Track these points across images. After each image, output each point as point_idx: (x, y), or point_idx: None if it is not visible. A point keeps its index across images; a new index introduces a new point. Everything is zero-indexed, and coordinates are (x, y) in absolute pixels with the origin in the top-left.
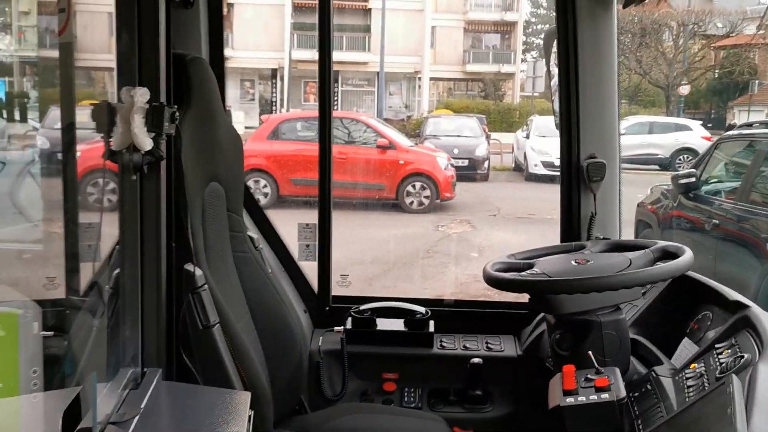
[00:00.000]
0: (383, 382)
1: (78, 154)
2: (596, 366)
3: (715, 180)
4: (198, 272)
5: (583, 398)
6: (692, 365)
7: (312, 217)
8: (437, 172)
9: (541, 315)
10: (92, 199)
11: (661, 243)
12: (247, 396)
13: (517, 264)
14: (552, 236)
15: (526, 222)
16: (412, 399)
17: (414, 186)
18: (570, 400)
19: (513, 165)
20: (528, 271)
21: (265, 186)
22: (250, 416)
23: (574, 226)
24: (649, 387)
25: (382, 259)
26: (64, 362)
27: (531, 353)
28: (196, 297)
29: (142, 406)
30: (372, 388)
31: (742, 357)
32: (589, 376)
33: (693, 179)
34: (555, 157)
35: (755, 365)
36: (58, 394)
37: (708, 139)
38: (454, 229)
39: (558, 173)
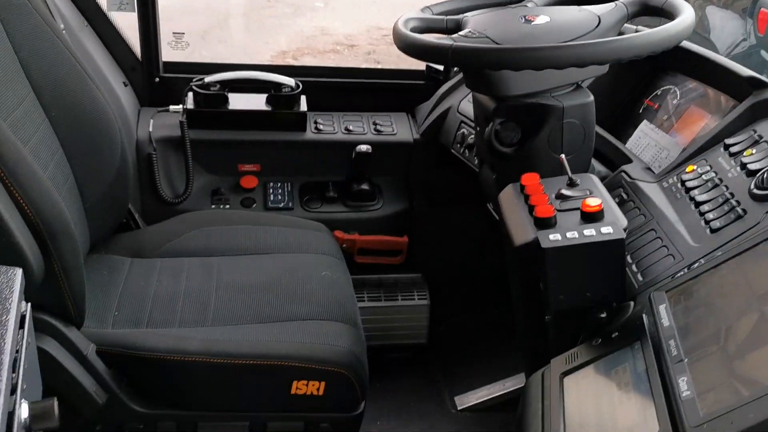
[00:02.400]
0: (240, 177)
1: None
2: (570, 175)
3: None
4: None
5: (574, 234)
6: (689, 167)
7: None
8: None
9: (445, 89)
10: None
11: None
12: (13, 274)
13: (440, 22)
14: None
15: None
16: (279, 197)
17: None
18: (555, 237)
19: None
20: (461, 33)
21: None
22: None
23: None
24: (624, 195)
25: (217, 9)
26: None
27: (430, 137)
28: None
29: None
30: (226, 185)
31: None
32: (563, 191)
33: None
34: None
35: None
36: None
37: None
38: None
39: None
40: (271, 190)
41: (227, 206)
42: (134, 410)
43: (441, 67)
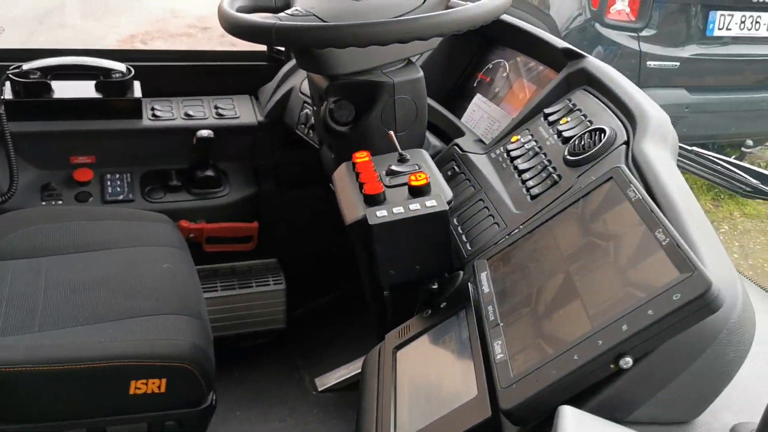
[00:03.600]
0: (73, 170)
1: None
2: (399, 150)
3: None
4: None
5: (401, 209)
6: (514, 137)
7: None
8: None
9: (288, 68)
10: None
11: None
12: None
13: (268, 0)
14: None
15: None
16: (118, 189)
17: None
18: (382, 214)
19: None
20: (288, 12)
21: None
22: None
23: None
24: (456, 168)
25: None
26: None
27: (275, 119)
28: None
29: None
30: (57, 179)
31: (604, 132)
32: (393, 167)
33: None
34: None
35: (631, 146)
36: None
37: None
38: None
39: None
40: (108, 182)
41: (60, 202)
42: None
43: (282, 47)
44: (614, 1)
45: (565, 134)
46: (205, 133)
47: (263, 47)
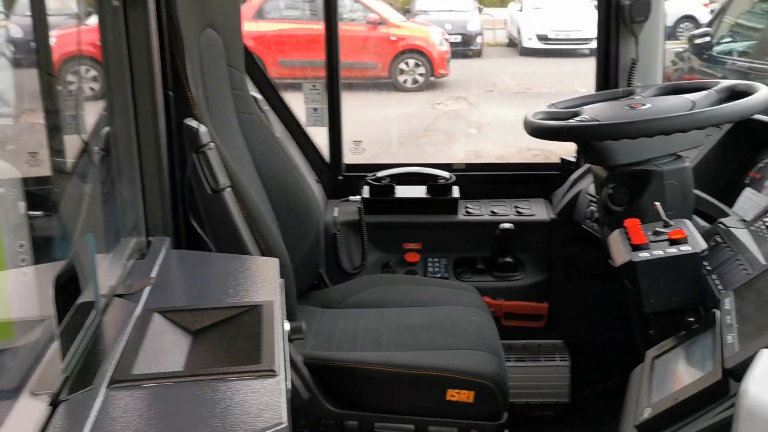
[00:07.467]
0: (405, 253)
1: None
2: (664, 218)
3: (729, 39)
4: (202, 128)
5: (660, 252)
6: None
7: (299, 101)
8: (431, 47)
9: (577, 175)
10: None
11: (728, 81)
12: (274, 262)
13: (561, 113)
14: None
15: (522, 96)
16: (437, 269)
17: (407, 63)
18: (644, 254)
19: (507, 41)
20: (576, 119)
21: None
22: (281, 284)
23: (611, 75)
24: (719, 239)
25: (380, 140)
26: (55, 240)
27: (565, 217)
28: (202, 157)
29: (153, 275)
30: (393, 259)
31: None
32: (657, 229)
33: (708, 39)
34: (550, 29)
35: None
36: (51, 267)
37: (706, 5)
38: (450, 106)
39: (553, 47)
40: (429, 264)
41: None
42: (328, 409)
43: (573, 159)
44: None
45: None
46: (507, 225)
47: (556, 159)
